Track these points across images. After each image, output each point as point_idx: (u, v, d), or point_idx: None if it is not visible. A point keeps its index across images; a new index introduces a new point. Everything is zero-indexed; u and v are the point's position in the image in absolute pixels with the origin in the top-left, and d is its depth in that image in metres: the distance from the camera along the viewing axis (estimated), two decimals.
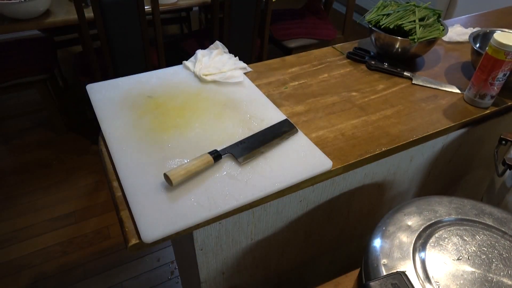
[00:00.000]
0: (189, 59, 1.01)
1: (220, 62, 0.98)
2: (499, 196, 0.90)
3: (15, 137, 2.20)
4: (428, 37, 1.01)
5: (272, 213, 0.82)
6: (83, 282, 1.53)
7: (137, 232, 0.61)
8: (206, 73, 0.94)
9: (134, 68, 1.77)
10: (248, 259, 0.89)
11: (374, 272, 0.59)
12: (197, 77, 0.95)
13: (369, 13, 1.11)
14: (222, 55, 1.01)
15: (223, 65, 0.97)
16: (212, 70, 0.95)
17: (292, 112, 0.90)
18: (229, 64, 0.98)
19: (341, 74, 1.05)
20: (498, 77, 0.88)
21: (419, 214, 0.66)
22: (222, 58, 1.00)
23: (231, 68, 0.97)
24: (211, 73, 0.94)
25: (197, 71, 0.95)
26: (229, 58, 1.00)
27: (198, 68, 0.96)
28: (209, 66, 0.96)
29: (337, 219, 0.99)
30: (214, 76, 0.94)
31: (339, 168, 0.76)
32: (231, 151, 0.73)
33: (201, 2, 1.87)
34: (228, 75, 0.95)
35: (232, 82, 0.94)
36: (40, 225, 1.73)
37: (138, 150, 0.75)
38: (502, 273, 0.58)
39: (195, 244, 0.75)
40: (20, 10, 1.57)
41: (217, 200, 0.66)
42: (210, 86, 0.94)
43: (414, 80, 1.03)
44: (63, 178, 1.97)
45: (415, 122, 0.88)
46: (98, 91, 0.90)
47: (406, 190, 1.08)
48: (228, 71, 0.96)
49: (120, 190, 0.69)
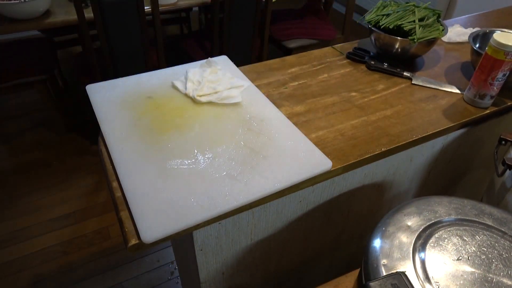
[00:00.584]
0: (178, 79, 0.94)
1: (214, 81, 0.92)
2: (499, 196, 0.90)
3: (15, 137, 2.20)
4: (427, 37, 1.01)
5: (272, 214, 0.82)
6: (83, 282, 1.53)
7: (137, 232, 0.61)
8: (200, 94, 0.88)
9: (134, 68, 1.77)
10: (248, 259, 0.89)
11: (374, 272, 0.59)
12: (190, 98, 0.89)
13: (369, 13, 1.11)
14: (216, 74, 0.95)
15: (217, 84, 0.91)
16: (207, 91, 0.89)
17: (291, 112, 0.90)
18: (224, 83, 0.92)
19: (341, 74, 1.05)
20: (498, 77, 0.88)
21: (419, 215, 0.66)
22: (216, 77, 0.93)
23: (227, 87, 0.91)
24: (205, 94, 0.89)
25: (190, 92, 0.89)
26: (223, 75, 0.94)
27: (191, 89, 0.89)
28: (203, 86, 0.90)
29: (337, 220, 0.99)
30: (209, 97, 0.88)
31: (339, 168, 0.76)
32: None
33: (201, 2, 1.87)
34: (225, 95, 0.88)
35: (229, 103, 0.88)
36: (40, 226, 1.73)
37: (138, 150, 0.75)
38: (502, 273, 0.58)
39: (195, 244, 0.75)
40: (20, 10, 1.57)
41: (217, 200, 0.66)
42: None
43: (414, 80, 1.03)
44: (63, 178, 1.97)
45: (415, 122, 0.88)
46: (98, 91, 0.90)
47: (406, 190, 1.08)
48: (224, 90, 0.90)
49: (120, 190, 0.69)
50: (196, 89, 0.90)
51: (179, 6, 1.82)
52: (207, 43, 2.11)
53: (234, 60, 1.03)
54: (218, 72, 0.96)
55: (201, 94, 0.89)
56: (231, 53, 1.88)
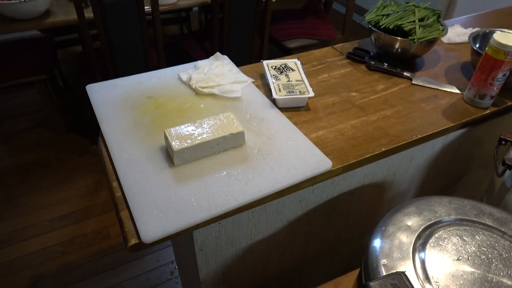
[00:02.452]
0: (185, 71, 0.97)
1: (219, 75, 0.94)
2: (499, 196, 0.90)
3: (15, 137, 2.20)
4: (427, 37, 1.01)
5: (272, 213, 0.82)
6: (83, 282, 1.53)
7: (137, 232, 0.61)
8: (203, 85, 0.90)
9: (134, 68, 1.77)
10: (248, 259, 0.89)
11: (374, 272, 0.59)
12: (193, 89, 0.91)
13: (369, 13, 1.11)
14: (222, 67, 0.97)
15: (222, 78, 0.93)
16: (210, 83, 0.91)
17: (291, 112, 0.90)
18: (229, 77, 0.94)
19: (341, 74, 1.05)
20: (498, 78, 0.88)
21: (419, 214, 0.67)
22: (222, 70, 0.95)
23: (230, 82, 0.92)
24: (208, 86, 0.90)
25: (193, 83, 0.91)
26: (229, 71, 0.96)
27: (195, 80, 0.91)
28: (207, 78, 0.92)
29: (337, 219, 0.99)
30: (211, 89, 0.90)
31: (339, 168, 0.76)
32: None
33: (201, 2, 1.87)
34: (227, 89, 0.90)
35: (229, 97, 0.90)
36: (40, 225, 1.73)
37: (138, 150, 0.75)
38: (502, 273, 0.58)
39: (195, 244, 0.75)
40: (20, 10, 1.57)
41: (217, 200, 0.66)
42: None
43: (414, 80, 1.03)
44: (63, 178, 1.97)
45: (415, 122, 0.88)
46: (98, 91, 0.90)
47: (406, 190, 1.08)
48: (227, 84, 0.92)
49: (119, 190, 0.69)
50: (200, 80, 0.91)
51: (179, 6, 1.82)
52: (207, 43, 2.11)
53: (234, 60, 1.03)
54: (224, 66, 0.97)
55: (204, 86, 0.90)
56: (231, 53, 1.88)
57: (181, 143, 0.70)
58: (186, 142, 0.71)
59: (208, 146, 0.73)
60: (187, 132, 0.73)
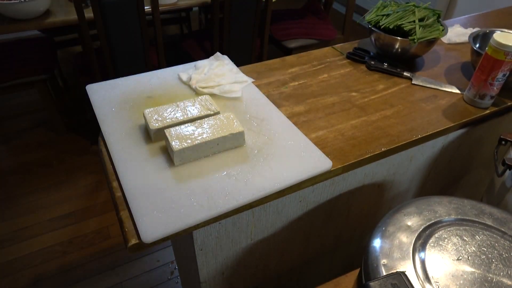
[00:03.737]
0: (185, 71, 0.97)
1: (219, 75, 0.93)
2: (499, 196, 0.90)
3: (15, 137, 2.20)
4: (427, 37, 1.01)
5: (272, 213, 0.82)
6: (83, 282, 1.53)
7: (137, 232, 0.61)
8: (203, 85, 0.90)
9: (134, 68, 1.77)
10: (248, 259, 0.89)
11: (374, 272, 0.59)
12: (193, 89, 0.91)
13: (369, 13, 1.11)
14: (222, 67, 0.97)
15: (222, 78, 0.93)
16: (210, 83, 0.91)
17: (292, 112, 0.90)
18: (229, 77, 0.93)
19: (341, 74, 1.05)
20: (498, 78, 0.88)
21: (419, 214, 0.67)
22: (222, 70, 0.95)
23: (230, 82, 0.92)
24: (208, 86, 0.90)
25: (193, 83, 0.91)
26: (229, 71, 0.96)
27: (195, 80, 0.91)
28: (207, 78, 0.92)
29: (337, 219, 0.99)
30: (211, 89, 0.90)
31: (339, 168, 0.76)
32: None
33: (201, 2, 1.87)
34: (227, 89, 0.90)
35: (229, 97, 0.90)
36: (40, 225, 1.73)
37: (138, 150, 0.75)
38: (502, 273, 0.58)
39: (195, 244, 0.75)
40: (20, 10, 1.57)
41: (217, 200, 0.66)
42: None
43: (414, 80, 1.03)
44: (63, 178, 1.97)
45: (415, 122, 0.88)
46: (98, 91, 0.90)
47: (406, 190, 1.08)
48: (227, 84, 0.91)
49: (120, 190, 0.69)
50: (200, 80, 0.91)
51: (179, 6, 1.83)
52: (207, 43, 2.11)
53: (234, 60, 1.03)
54: (224, 66, 0.97)
55: (204, 86, 0.90)
56: (231, 53, 1.88)
57: (181, 143, 0.70)
58: (186, 142, 0.71)
59: (208, 146, 0.73)
60: (187, 132, 0.73)
